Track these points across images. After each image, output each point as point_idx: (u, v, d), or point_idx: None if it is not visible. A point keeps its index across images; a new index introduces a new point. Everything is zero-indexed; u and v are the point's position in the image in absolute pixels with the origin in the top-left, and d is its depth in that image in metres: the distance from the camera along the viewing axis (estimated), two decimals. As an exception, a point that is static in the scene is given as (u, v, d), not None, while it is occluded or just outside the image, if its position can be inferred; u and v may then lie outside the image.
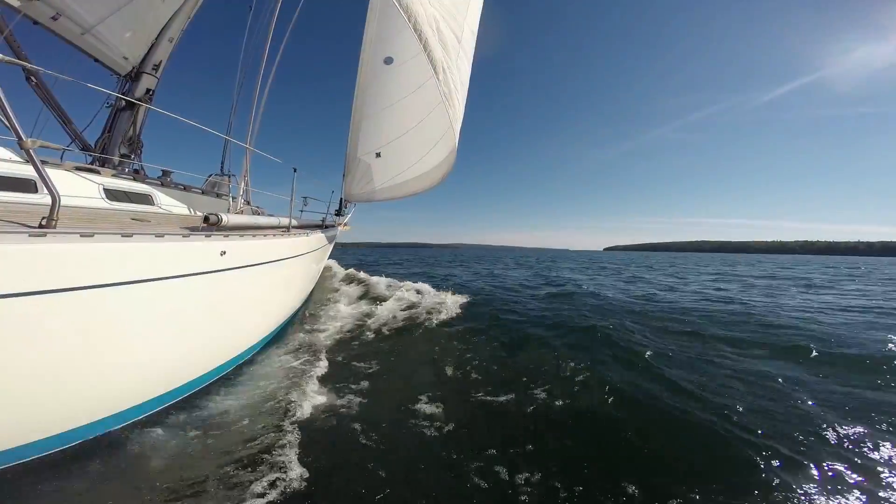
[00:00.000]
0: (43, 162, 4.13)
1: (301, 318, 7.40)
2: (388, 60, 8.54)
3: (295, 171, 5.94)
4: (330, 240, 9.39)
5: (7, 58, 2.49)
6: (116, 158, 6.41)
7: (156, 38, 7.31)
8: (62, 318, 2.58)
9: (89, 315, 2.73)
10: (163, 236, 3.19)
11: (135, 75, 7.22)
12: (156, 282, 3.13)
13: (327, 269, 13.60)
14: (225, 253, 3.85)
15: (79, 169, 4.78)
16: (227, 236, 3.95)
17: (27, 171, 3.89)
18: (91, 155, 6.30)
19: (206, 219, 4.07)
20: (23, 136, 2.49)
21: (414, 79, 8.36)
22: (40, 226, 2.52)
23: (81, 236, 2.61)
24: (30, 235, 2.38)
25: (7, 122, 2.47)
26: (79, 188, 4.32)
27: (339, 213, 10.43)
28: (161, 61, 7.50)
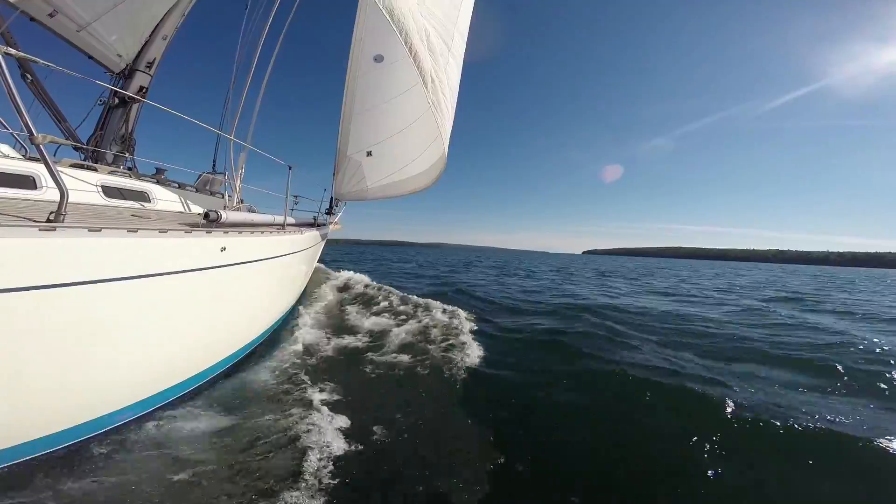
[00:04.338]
0: (33, 159, 4.08)
1: (296, 314, 7.45)
2: (379, 58, 8.28)
3: (290, 168, 5.88)
4: (323, 238, 9.37)
5: (17, 52, 2.52)
6: (110, 156, 6.40)
7: (150, 36, 7.33)
8: (70, 313, 2.57)
9: (98, 310, 2.73)
10: (166, 232, 3.20)
11: (128, 73, 7.23)
12: (161, 276, 3.14)
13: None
14: (225, 249, 3.86)
15: (75, 166, 4.76)
16: (226, 233, 3.95)
17: (26, 167, 3.91)
18: (84, 153, 6.27)
19: (205, 215, 4.08)
20: (34, 132, 2.48)
21: (404, 80, 8.19)
22: (48, 220, 2.50)
23: (90, 230, 2.62)
24: (40, 230, 2.37)
25: (20, 118, 2.47)
26: (77, 185, 4.25)
27: (329, 211, 10.42)
28: (155, 59, 7.52)
